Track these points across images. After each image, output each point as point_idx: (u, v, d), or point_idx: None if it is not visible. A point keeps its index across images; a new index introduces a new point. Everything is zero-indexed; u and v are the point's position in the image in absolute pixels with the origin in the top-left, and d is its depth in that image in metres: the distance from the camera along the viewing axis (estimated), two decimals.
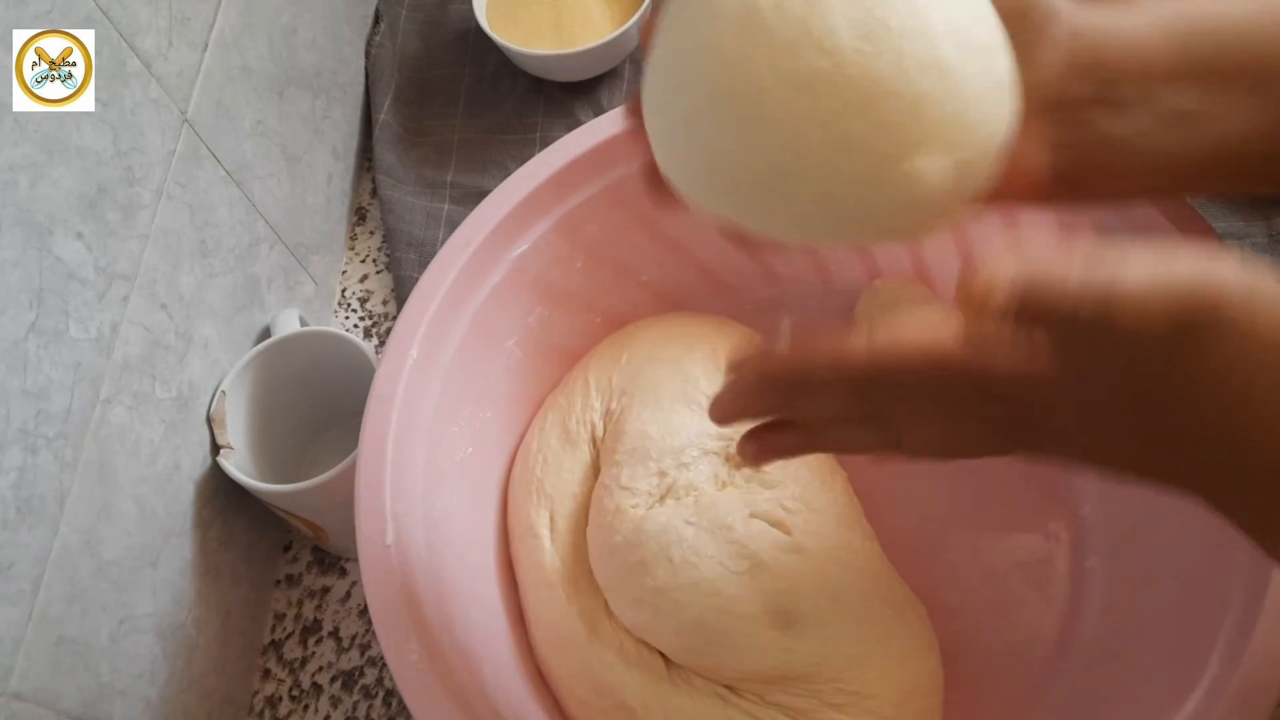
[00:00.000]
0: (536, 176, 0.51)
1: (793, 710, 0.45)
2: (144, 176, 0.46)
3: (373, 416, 0.45)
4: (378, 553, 0.42)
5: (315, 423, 0.60)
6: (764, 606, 0.45)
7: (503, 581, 0.51)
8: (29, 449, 0.38)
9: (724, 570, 0.46)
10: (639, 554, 0.47)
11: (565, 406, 0.54)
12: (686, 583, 0.45)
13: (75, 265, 0.41)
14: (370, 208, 0.72)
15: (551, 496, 0.51)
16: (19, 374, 0.38)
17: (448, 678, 0.40)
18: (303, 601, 0.58)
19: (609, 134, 0.52)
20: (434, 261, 0.49)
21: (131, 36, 0.45)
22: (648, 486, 0.49)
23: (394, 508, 0.43)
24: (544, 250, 0.53)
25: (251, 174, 0.56)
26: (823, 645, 0.45)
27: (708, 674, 0.46)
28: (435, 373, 0.48)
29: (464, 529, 0.49)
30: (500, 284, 0.51)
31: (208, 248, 0.51)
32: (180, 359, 0.49)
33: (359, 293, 0.68)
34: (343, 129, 0.70)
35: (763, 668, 0.45)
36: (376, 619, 0.41)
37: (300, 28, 0.64)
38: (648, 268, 0.58)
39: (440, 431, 0.48)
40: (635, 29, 0.71)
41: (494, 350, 0.52)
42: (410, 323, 0.48)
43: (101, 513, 0.42)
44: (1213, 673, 0.38)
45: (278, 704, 0.55)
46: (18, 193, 0.38)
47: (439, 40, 0.78)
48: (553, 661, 0.48)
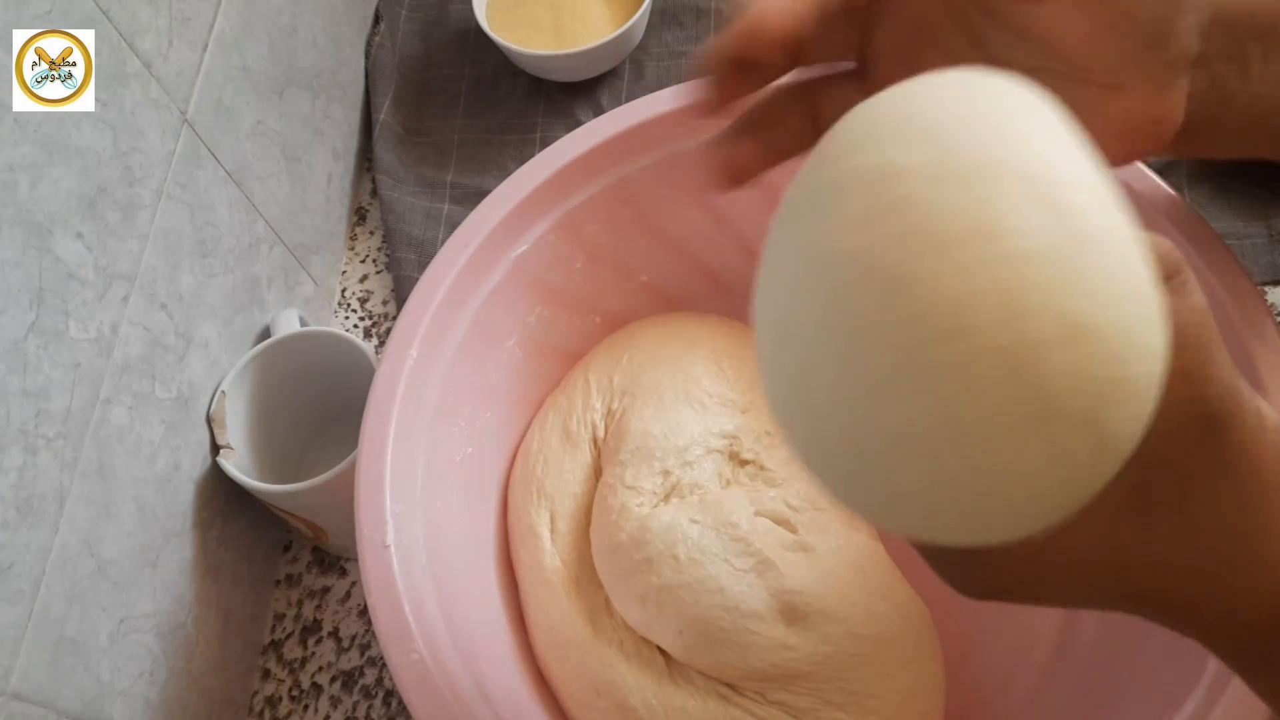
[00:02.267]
0: (536, 176, 0.51)
1: (794, 709, 0.45)
2: (144, 176, 0.46)
3: (373, 416, 0.45)
4: (377, 553, 0.42)
5: (315, 423, 0.60)
6: (768, 604, 0.45)
7: (503, 581, 0.51)
8: (29, 449, 0.38)
9: (729, 568, 0.46)
10: (644, 552, 0.47)
11: (566, 407, 0.54)
12: (691, 580, 0.45)
13: (75, 265, 0.41)
14: (370, 208, 0.72)
15: (552, 496, 0.51)
16: (19, 374, 0.38)
17: (447, 678, 0.40)
18: (303, 601, 0.58)
19: (609, 134, 0.52)
20: (434, 262, 0.49)
21: (131, 36, 0.45)
22: (652, 485, 0.49)
23: (394, 508, 0.43)
24: (544, 250, 0.53)
25: (251, 174, 0.56)
26: (826, 644, 0.45)
27: (710, 672, 0.46)
28: (435, 373, 0.48)
29: (464, 529, 0.49)
30: (500, 284, 0.51)
31: (208, 248, 0.51)
32: (180, 359, 0.49)
33: (359, 293, 0.68)
34: (343, 129, 0.70)
35: (765, 666, 0.45)
36: (376, 619, 0.41)
37: (300, 28, 0.64)
38: (648, 268, 0.58)
39: (440, 431, 0.48)
40: (635, 29, 0.71)
41: (494, 350, 0.52)
42: (410, 323, 0.48)
43: (101, 513, 0.42)
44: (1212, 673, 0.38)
45: (277, 704, 0.55)
46: (17, 193, 0.38)
47: (439, 40, 0.78)
48: (553, 661, 0.48)
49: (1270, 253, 0.62)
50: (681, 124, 0.52)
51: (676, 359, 0.54)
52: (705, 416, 0.51)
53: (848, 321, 0.21)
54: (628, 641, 0.47)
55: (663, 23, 0.76)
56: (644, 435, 0.50)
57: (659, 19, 0.76)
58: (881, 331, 0.20)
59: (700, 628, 0.45)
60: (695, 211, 0.56)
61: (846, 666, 0.45)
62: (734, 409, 0.52)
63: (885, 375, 0.21)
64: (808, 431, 0.23)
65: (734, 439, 0.51)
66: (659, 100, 0.52)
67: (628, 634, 0.48)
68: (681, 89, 0.52)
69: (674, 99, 0.52)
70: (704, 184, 0.36)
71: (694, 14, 0.76)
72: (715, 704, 0.45)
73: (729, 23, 0.32)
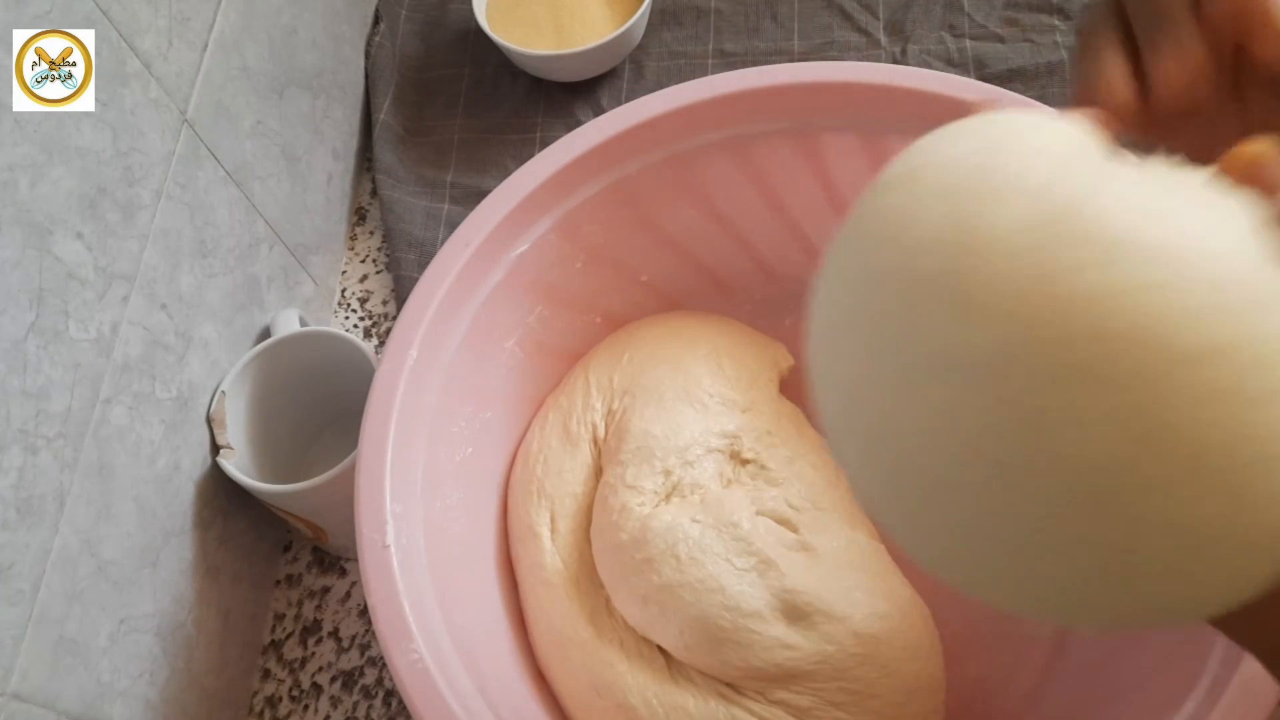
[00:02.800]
0: (537, 176, 0.51)
1: (795, 708, 0.45)
2: (144, 177, 0.46)
3: (373, 416, 0.45)
4: (377, 553, 0.42)
5: (315, 423, 0.60)
6: (769, 604, 0.45)
7: (503, 581, 0.51)
8: (29, 449, 0.38)
9: (730, 567, 0.46)
10: (645, 551, 0.47)
11: (566, 406, 0.54)
12: (693, 580, 0.45)
13: (75, 265, 0.41)
14: (370, 208, 0.72)
15: (552, 496, 0.51)
16: (19, 374, 0.38)
17: (448, 678, 0.40)
18: (302, 601, 0.58)
19: (610, 134, 0.52)
20: (434, 261, 0.49)
21: (131, 37, 0.45)
22: (653, 485, 0.49)
23: (394, 508, 0.43)
24: (544, 250, 0.53)
25: (251, 174, 0.56)
26: (827, 643, 0.45)
27: (711, 672, 0.46)
28: (435, 372, 0.48)
29: (464, 529, 0.49)
30: (500, 284, 0.51)
31: (207, 248, 0.51)
32: (180, 359, 0.49)
33: (359, 293, 0.68)
34: (342, 129, 0.70)
35: (766, 665, 0.45)
36: (376, 619, 0.41)
37: (300, 28, 0.64)
38: (648, 267, 0.58)
39: (440, 431, 0.48)
40: (635, 29, 0.71)
41: (494, 350, 0.52)
42: (410, 322, 0.48)
43: (101, 513, 0.42)
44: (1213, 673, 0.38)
45: (277, 704, 0.55)
46: (17, 193, 0.38)
47: (439, 40, 0.78)
48: (553, 661, 0.48)
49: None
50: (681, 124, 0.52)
51: (677, 358, 0.54)
52: (706, 416, 0.51)
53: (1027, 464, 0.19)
54: (628, 641, 0.47)
55: (663, 23, 0.76)
56: (645, 435, 0.50)
57: (659, 19, 0.76)
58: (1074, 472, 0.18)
59: (701, 627, 0.45)
60: (695, 211, 0.56)
61: (847, 666, 0.45)
62: (734, 408, 0.52)
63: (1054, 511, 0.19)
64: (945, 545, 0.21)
65: (735, 438, 0.51)
66: (659, 100, 0.52)
67: (628, 634, 0.48)
68: (682, 89, 0.52)
69: (674, 99, 0.52)
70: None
71: (694, 14, 0.76)
72: (716, 703, 0.45)
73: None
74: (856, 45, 0.73)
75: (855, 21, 0.74)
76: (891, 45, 0.73)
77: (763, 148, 0.54)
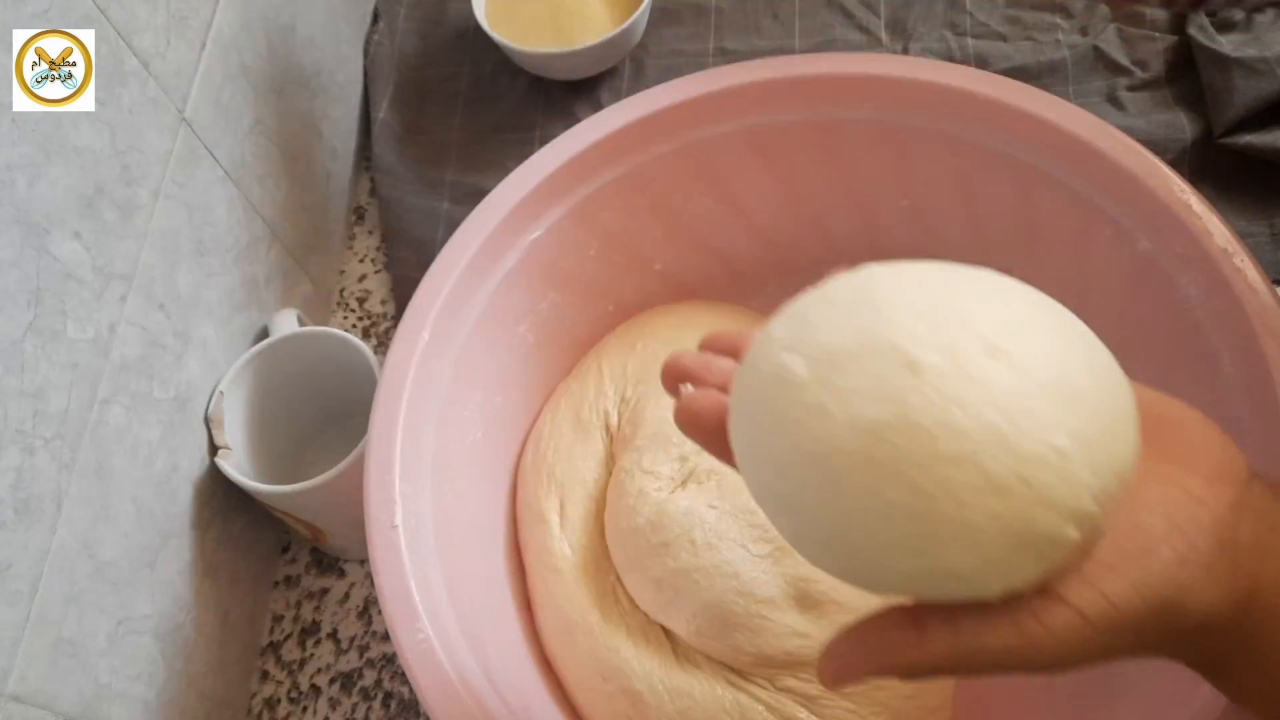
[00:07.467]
0: (552, 163, 0.51)
1: (802, 696, 0.45)
2: (142, 176, 0.46)
3: (384, 396, 0.45)
4: (386, 533, 0.42)
5: (313, 423, 0.60)
6: (783, 590, 0.45)
7: (510, 566, 0.51)
8: (26, 449, 0.38)
9: (745, 553, 0.46)
10: (661, 535, 0.47)
11: (578, 394, 0.54)
12: (708, 564, 0.46)
13: (73, 265, 0.41)
14: (369, 207, 0.72)
15: (562, 483, 0.51)
16: (16, 374, 0.37)
17: (453, 658, 0.39)
18: (301, 603, 0.58)
19: (624, 122, 0.52)
20: (447, 246, 0.49)
21: (129, 36, 0.45)
22: (670, 471, 0.49)
23: (403, 488, 0.43)
24: (558, 236, 0.52)
25: (249, 173, 0.56)
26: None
27: (720, 657, 0.46)
28: (447, 356, 0.48)
29: (473, 512, 0.49)
30: (514, 269, 0.51)
31: (205, 247, 0.51)
32: (178, 359, 0.49)
33: (357, 293, 0.68)
34: (341, 128, 0.70)
35: (777, 652, 0.45)
36: (383, 598, 0.40)
37: (298, 26, 0.64)
38: (662, 256, 0.58)
39: (451, 415, 0.48)
40: (635, 27, 0.70)
41: (506, 335, 0.52)
42: (424, 305, 0.47)
43: (99, 513, 0.42)
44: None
45: (276, 706, 0.55)
46: (15, 192, 0.38)
47: (438, 39, 0.77)
48: (559, 646, 0.48)
49: (1272, 251, 0.62)
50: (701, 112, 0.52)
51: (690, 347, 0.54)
52: None
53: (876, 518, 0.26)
54: (634, 627, 0.48)
55: (663, 20, 0.76)
56: (661, 421, 0.51)
57: (659, 17, 0.76)
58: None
59: (714, 612, 0.45)
60: (710, 200, 0.56)
61: None
62: None
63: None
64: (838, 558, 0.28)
65: None
66: (674, 89, 0.52)
67: (635, 619, 0.48)
68: (697, 77, 0.52)
69: (690, 88, 0.52)
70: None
71: (694, 12, 0.76)
72: (722, 688, 0.45)
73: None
74: (858, 44, 0.73)
75: (856, 20, 0.74)
76: (893, 44, 0.73)
77: (782, 138, 0.53)
